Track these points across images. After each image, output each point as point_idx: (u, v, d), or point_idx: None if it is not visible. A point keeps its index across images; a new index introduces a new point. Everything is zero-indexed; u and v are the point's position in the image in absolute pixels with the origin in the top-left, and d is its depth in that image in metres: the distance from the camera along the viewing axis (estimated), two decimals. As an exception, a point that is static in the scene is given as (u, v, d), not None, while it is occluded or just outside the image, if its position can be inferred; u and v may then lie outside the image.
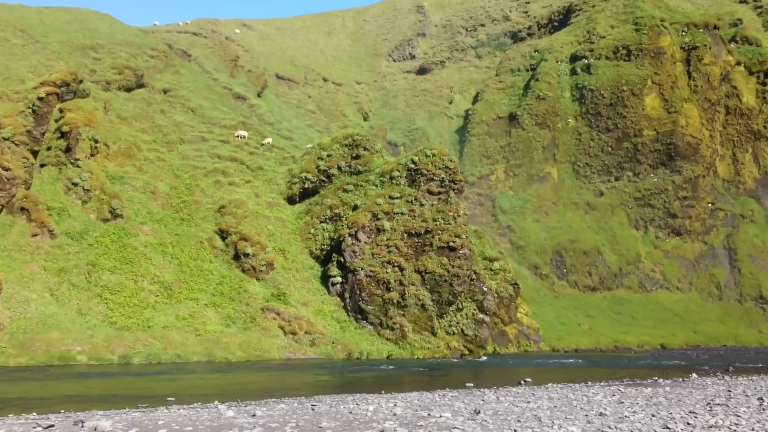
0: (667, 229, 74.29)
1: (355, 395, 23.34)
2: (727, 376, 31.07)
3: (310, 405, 19.68)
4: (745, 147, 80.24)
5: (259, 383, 29.14)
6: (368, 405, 19.34)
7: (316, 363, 39.38)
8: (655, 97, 78.77)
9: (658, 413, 16.94)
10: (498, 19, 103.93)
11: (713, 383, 26.90)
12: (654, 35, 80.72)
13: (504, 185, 78.25)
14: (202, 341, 40.06)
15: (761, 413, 16.96)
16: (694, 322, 65.21)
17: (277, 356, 41.01)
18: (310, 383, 29.28)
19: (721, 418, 16.05)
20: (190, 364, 37.03)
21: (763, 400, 20.01)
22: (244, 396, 23.37)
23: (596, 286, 69.55)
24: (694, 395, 21.94)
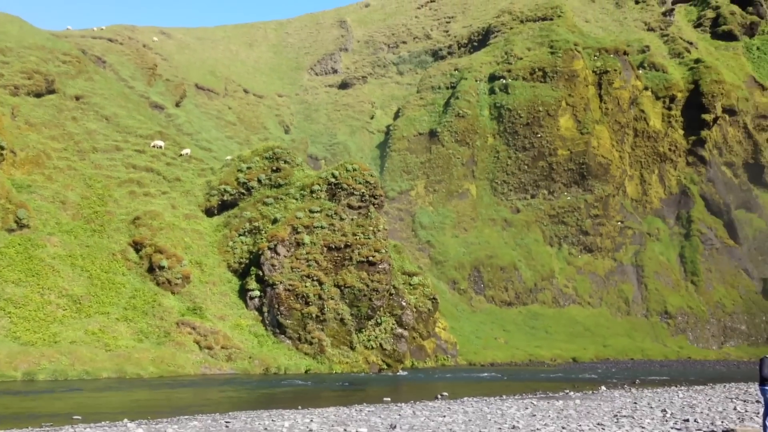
0: (580, 246, 76.64)
1: (271, 411, 23.03)
2: (634, 389, 32.18)
3: (225, 422, 19.29)
4: (651, 168, 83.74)
5: (172, 400, 28.37)
6: (284, 421, 19.11)
7: (233, 378, 38.66)
8: (569, 118, 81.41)
9: (568, 425, 17.39)
10: (419, 37, 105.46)
11: (620, 395, 27.80)
12: (568, 59, 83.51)
13: (424, 201, 79.14)
14: (113, 357, 38.72)
15: (664, 424, 17.63)
16: (604, 336, 67.39)
17: (192, 372, 40.04)
18: (225, 399, 28.71)
19: (627, 429, 16.61)
20: (100, 381, 35.73)
21: (666, 412, 20.81)
22: (156, 413, 22.68)
23: (512, 301, 71.00)
24: (602, 407, 22.62)
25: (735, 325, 74.33)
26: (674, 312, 72.84)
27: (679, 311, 73.15)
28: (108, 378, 36.96)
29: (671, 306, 73.17)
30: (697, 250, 78.90)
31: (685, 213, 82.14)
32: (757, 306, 76.40)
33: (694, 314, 73.61)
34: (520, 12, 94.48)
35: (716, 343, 72.64)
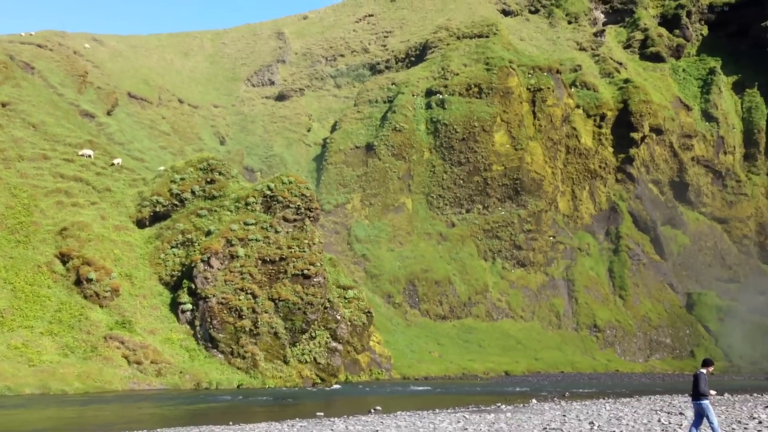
0: (513, 260, 77.84)
1: (201, 427, 22.56)
2: (563, 402, 32.75)
3: (152, 439, 18.78)
4: (583, 185, 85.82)
5: (97, 417, 27.50)
6: (213, 438, 18.73)
7: (162, 394, 37.75)
8: (504, 134, 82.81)
9: (499, 439, 17.54)
10: (357, 50, 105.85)
11: (550, 408, 28.25)
12: (503, 76, 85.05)
13: (360, 214, 79.17)
14: (36, 372, 37.35)
15: (592, 436, 17.96)
16: (535, 350, 68.51)
17: (120, 387, 38.94)
18: (153, 416, 27.99)
19: (556, 442, 16.85)
20: (22, 397, 34.39)
21: (593, 424, 21.23)
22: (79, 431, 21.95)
23: (447, 315, 71.53)
24: (532, 420, 22.93)
25: (660, 339, 76.60)
26: (603, 325, 74.63)
27: (607, 325, 74.98)
28: (31, 394, 35.61)
29: (600, 320, 74.95)
30: (625, 265, 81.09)
31: (614, 229, 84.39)
32: (681, 320, 78.95)
33: (622, 328, 75.57)
34: (456, 29, 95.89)
35: (642, 356, 74.69)
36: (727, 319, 79.61)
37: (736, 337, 77.39)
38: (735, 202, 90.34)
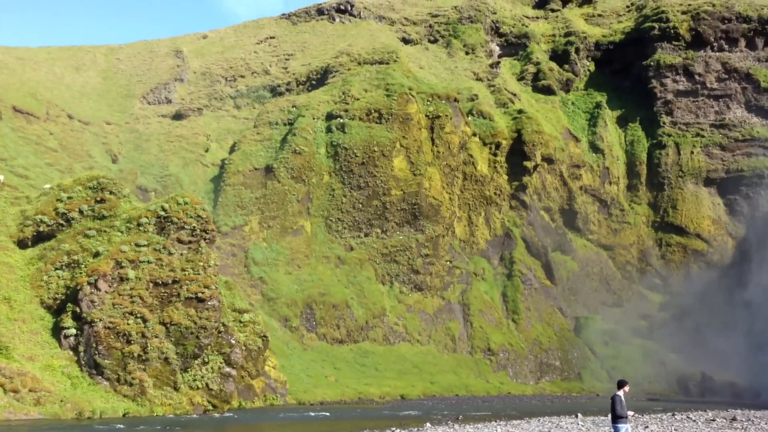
0: (410, 284, 78.55)
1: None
2: (457, 425, 33.08)
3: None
4: (479, 211, 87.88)
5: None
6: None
7: (40, 424, 35.63)
8: (403, 159, 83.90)
9: (392, 463, 17.47)
10: (258, 72, 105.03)
11: None
12: (403, 102, 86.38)
13: (258, 236, 78.06)
14: None
15: (483, 459, 18.16)
16: (431, 373, 69.11)
17: (-6, 418, 36.49)
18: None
19: (448, 465, 16.93)
20: None
21: (485, 446, 21.49)
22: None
23: (344, 339, 71.23)
24: (426, 444, 22.99)
25: (550, 361, 78.94)
26: (496, 349, 76.22)
27: (500, 348, 76.63)
28: None
29: (494, 343, 76.52)
30: (518, 289, 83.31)
31: (508, 254, 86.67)
32: (570, 343, 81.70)
33: (514, 351, 77.43)
34: (358, 54, 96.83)
35: (533, 378, 76.71)
36: (612, 342, 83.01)
37: (620, 359, 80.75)
38: (619, 230, 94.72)
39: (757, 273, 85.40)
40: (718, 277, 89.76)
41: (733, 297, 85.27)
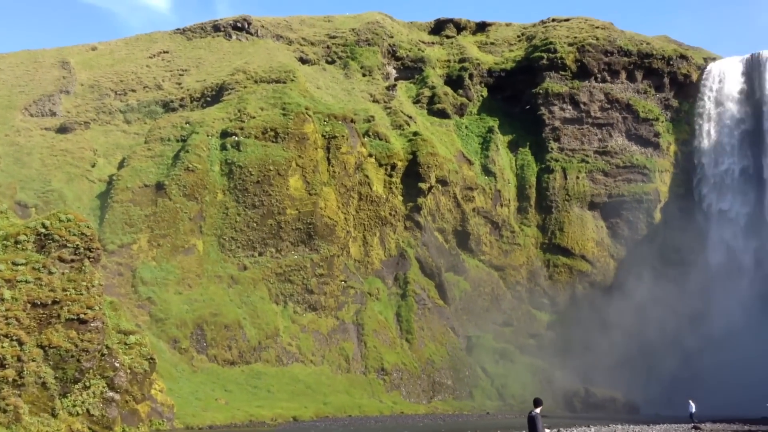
0: (305, 304, 77.93)
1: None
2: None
3: None
4: (374, 231, 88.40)
5: None
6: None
7: None
8: (299, 178, 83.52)
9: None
10: (150, 86, 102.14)
11: (335, 452, 28.19)
12: (299, 121, 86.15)
13: (147, 255, 75.51)
14: None
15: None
16: (324, 394, 68.53)
17: None
18: None
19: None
20: None
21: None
22: None
23: (236, 360, 69.71)
24: (315, 465, 22.67)
25: (442, 380, 79.95)
26: (390, 369, 76.51)
27: (394, 368, 76.99)
28: None
29: (387, 363, 76.81)
30: (411, 309, 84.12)
31: (402, 274, 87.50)
32: (462, 362, 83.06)
33: (408, 370, 77.97)
34: (254, 72, 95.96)
35: (426, 397, 77.42)
36: (502, 360, 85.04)
37: (510, 377, 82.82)
38: (509, 251, 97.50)
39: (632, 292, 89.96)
40: (601, 296, 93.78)
41: (612, 315, 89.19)
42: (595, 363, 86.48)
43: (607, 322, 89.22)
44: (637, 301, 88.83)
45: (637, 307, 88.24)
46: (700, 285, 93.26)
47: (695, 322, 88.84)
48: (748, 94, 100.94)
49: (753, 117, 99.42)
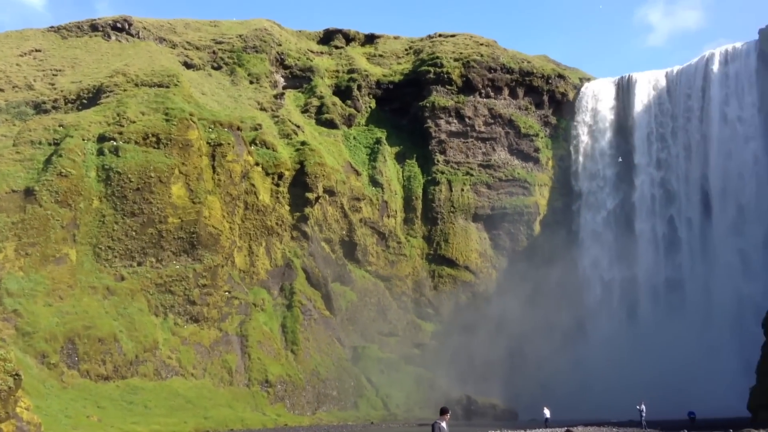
0: (186, 315, 75.43)
1: None
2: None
3: None
4: (260, 241, 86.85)
5: None
6: None
7: None
8: (182, 186, 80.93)
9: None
10: (20, 86, 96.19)
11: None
12: (183, 128, 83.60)
13: (13, 265, 70.77)
14: None
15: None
16: (205, 408, 66.37)
17: None
18: None
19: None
20: None
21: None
22: None
23: (110, 375, 66.44)
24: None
25: (327, 391, 79.31)
26: (274, 381, 75.15)
27: (278, 380, 75.68)
28: None
29: (272, 375, 75.40)
30: (297, 320, 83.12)
31: (288, 285, 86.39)
32: (347, 372, 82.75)
33: (292, 382, 76.84)
34: (135, 75, 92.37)
35: (311, 409, 76.51)
36: (387, 370, 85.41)
37: (394, 387, 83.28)
38: (396, 261, 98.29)
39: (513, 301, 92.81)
40: (484, 305, 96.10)
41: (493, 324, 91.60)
42: (477, 371, 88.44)
43: (488, 331, 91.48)
44: (517, 311, 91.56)
45: (517, 317, 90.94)
46: (575, 295, 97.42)
47: (570, 330, 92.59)
48: (619, 114, 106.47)
49: (624, 133, 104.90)
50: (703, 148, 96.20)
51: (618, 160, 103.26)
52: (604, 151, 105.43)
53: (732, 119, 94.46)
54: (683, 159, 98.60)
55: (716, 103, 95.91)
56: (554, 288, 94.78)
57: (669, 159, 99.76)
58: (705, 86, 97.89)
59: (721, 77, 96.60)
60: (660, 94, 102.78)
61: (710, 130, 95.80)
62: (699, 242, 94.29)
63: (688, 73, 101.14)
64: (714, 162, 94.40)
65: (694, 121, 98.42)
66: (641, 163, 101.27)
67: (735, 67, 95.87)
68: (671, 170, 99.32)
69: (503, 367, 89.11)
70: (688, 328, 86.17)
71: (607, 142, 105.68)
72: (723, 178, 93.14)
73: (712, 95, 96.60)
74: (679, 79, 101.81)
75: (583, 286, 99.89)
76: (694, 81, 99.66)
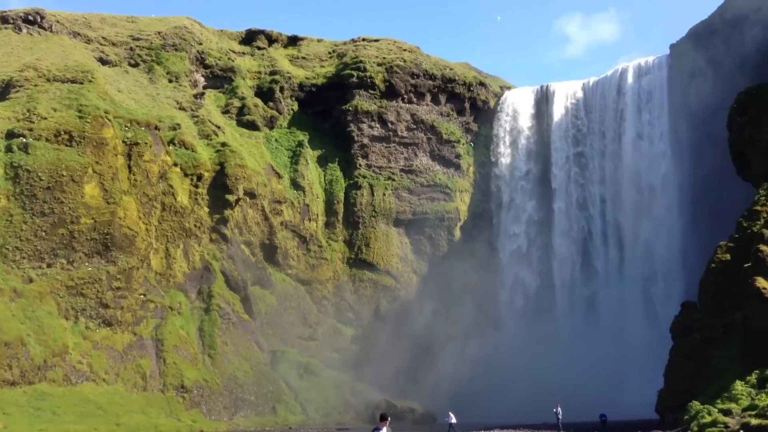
0: (99, 319, 73.09)
1: None
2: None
3: None
4: (177, 243, 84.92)
5: None
6: None
7: None
8: (95, 186, 78.40)
9: None
10: None
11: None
12: (98, 125, 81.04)
13: None
14: None
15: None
16: (117, 414, 64.34)
17: None
18: None
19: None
20: None
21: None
22: None
23: (17, 381, 63.63)
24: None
25: (245, 396, 78.11)
26: (190, 386, 73.53)
27: (195, 385, 74.09)
28: None
29: (188, 380, 73.75)
30: (215, 324, 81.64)
31: (207, 288, 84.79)
32: (266, 377, 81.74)
33: (209, 387, 75.34)
34: (47, 70, 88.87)
35: (228, 414, 75.15)
36: (306, 375, 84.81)
37: (314, 391, 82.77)
38: (317, 265, 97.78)
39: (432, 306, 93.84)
40: (404, 310, 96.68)
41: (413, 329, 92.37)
42: (397, 376, 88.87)
43: (408, 336, 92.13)
44: (437, 316, 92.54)
45: (437, 322, 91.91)
46: (494, 301, 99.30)
47: (488, 335, 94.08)
48: (538, 123, 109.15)
49: (542, 142, 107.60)
50: (617, 160, 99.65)
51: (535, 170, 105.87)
52: (524, 159, 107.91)
53: (644, 132, 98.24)
54: (598, 167, 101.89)
55: (630, 116, 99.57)
56: (474, 293, 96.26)
57: (586, 168, 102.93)
58: (619, 98, 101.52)
59: (634, 90, 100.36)
60: (577, 105, 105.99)
61: (623, 142, 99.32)
62: (614, 251, 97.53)
63: (603, 85, 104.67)
64: (627, 174, 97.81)
65: (608, 132, 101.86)
66: (559, 169, 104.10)
67: (648, 81, 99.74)
68: (588, 179, 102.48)
69: (422, 372, 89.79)
70: (602, 333, 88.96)
71: (526, 150, 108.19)
72: (635, 189, 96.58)
73: (626, 108, 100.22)
74: (595, 90, 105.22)
75: (502, 291, 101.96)
76: (609, 93, 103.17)
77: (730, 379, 47.70)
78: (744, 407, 42.01)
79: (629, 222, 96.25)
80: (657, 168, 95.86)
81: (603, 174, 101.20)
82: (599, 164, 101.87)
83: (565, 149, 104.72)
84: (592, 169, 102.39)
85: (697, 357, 56.15)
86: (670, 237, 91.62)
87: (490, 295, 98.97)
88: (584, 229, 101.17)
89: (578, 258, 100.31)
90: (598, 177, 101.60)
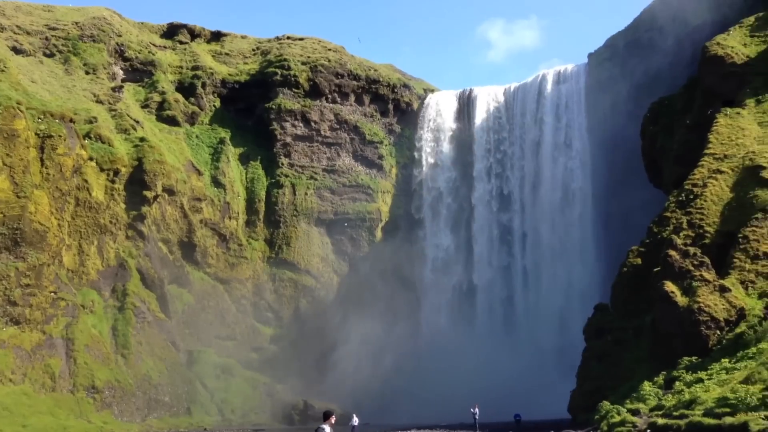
0: (6, 317, 70.35)
1: None
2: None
3: None
4: (91, 239, 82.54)
5: None
6: None
7: None
8: (5, 179, 75.40)
9: None
10: None
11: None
12: (9, 116, 77.91)
13: None
14: None
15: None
16: (24, 416, 62.10)
17: None
18: None
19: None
20: None
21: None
22: None
23: None
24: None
25: (159, 397, 76.59)
26: (102, 386, 71.62)
27: (107, 385, 72.21)
28: None
29: (99, 380, 71.82)
30: (129, 323, 79.75)
31: (121, 286, 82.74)
32: (181, 377, 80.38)
33: (122, 387, 73.57)
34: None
35: (140, 415, 73.56)
36: (224, 375, 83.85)
37: (230, 392, 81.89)
38: (236, 264, 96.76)
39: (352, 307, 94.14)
40: (324, 310, 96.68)
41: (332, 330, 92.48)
42: (316, 376, 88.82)
43: (328, 336, 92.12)
44: (357, 316, 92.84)
45: (356, 322, 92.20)
46: (414, 302, 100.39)
47: (408, 336, 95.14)
48: (460, 126, 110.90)
49: (464, 145, 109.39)
50: (536, 165, 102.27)
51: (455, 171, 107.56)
52: (446, 161, 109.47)
53: (561, 138, 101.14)
54: (518, 171, 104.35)
55: (548, 121, 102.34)
56: (394, 293, 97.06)
57: (505, 171, 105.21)
58: (539, 105, 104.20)
59: (553, 96, 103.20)
60: (498, 109, 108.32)
61: (542, 147, 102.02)
62: (531, 253, 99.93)
63: (524, 90, 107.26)
64: (545, 178, 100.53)
65: (528, 137, 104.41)
66: (480, 173, 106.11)
67: (566, 88, 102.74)
68: (508, 182, 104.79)
69: (341, 372, 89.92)
70: (519, 334, 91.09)
71: (448, 152, 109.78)
72: (553, 193, 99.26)
73: (545, 114, 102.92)
74: (516, 95, 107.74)
75: (423, 292, 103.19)
76: (529, 98, 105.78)
77: (639, 379, 49.15)
78: (651, 407, 43.25)
79: (547, 225, 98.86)
80: (573, 173, 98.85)
81: (522, 178, 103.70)
82: (519, 168, 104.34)
83: (487, 153, 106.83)
84: (512, 173, 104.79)
85: (608, 358, 57.77)
86: (584, 240, 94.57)
87: (410, 296, 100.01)
88: (504, 231, 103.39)
89: (497, 260, 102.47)
90: (518, 181, 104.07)
